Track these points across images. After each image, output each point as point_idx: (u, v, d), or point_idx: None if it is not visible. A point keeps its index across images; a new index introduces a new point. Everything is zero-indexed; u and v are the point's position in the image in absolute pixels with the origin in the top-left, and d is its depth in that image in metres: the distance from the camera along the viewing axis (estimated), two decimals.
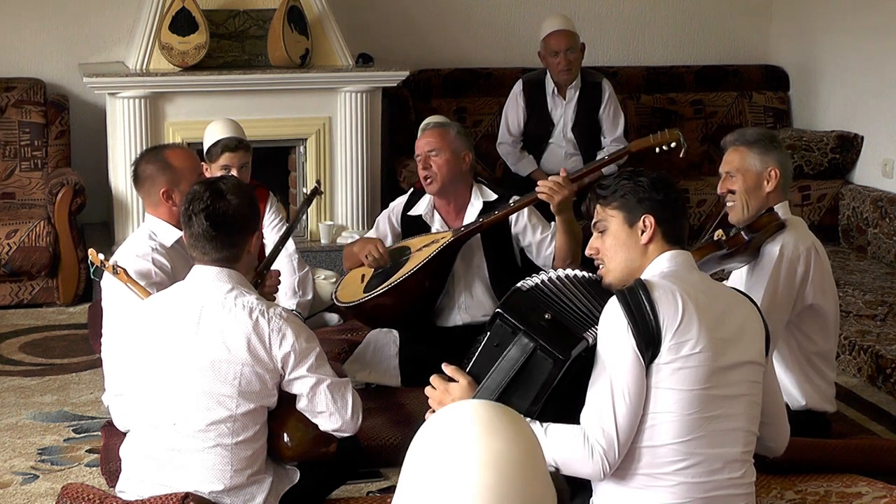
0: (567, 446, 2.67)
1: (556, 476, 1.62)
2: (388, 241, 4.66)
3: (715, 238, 3.64)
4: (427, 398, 2.84)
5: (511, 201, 4.48)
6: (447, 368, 2.82)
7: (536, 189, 4.28)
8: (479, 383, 2.76)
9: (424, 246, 4.45)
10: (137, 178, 3.86)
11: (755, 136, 3.79)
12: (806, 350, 3.72)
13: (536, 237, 4.49)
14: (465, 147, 4.52)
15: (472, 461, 1.51)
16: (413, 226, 4.62)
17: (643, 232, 2.82)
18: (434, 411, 2.79)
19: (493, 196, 4.55)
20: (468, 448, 1.52)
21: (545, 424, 2.71)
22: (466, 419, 1.55)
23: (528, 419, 2.72)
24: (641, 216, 2.82)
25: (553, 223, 4.51)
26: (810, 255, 3.65)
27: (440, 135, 4.51)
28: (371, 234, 4.75)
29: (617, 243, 2.86)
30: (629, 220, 2.84)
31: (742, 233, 3.63)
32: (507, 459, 1.51)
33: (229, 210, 3.12)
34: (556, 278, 2.92)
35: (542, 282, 2.90)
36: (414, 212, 4.64)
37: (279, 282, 4.14)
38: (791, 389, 3.73)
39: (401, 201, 4.76)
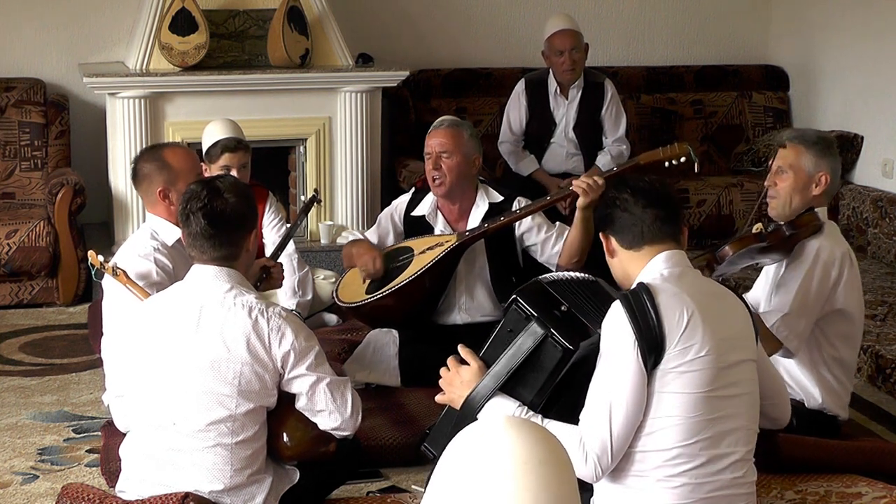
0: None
1: None
2: (390, 239, 4.66)
3: (754, 231, 3.65)
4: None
5: (515, 203, 4.47)
6: (462, 350, 2.88)
7: (574, 183, 4.25)
8: (489, 368, 2.81)
9: (428, 248, 4.44)
10: (136, 177, 3.87)
11: (814, 137, 3.78)
12: (826, 354, 3.71)
13: (541, 236, 4.48)
14: (475, 150, 4.50)
15: (507, 466, 1.54)
16: (416, 226, 4.61)
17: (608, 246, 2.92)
18: (444, 393, 2.91)
19: (499, 198, 4.53)
20: (502, 454, 1.55)
21: (545, 420, 2.73)
22: (498, 428, 1.58)
23: (529, 411, 2.75)
24: (601, 235, 2.93)
25: (557, 223, 4.52)
26: (845, 261, 3.66)
27: (453, 136, 4.46)
28: (373, 230, 4.73)
29: (608, 260, 2.95)
30: (602, 239, 2.94)
31: (784, 227, 3.65)
32: (540, 463, 1.54)
33: (227, 208, 3.11)
34: (581, 278, 2.99)
35: (566, 279, 2.96)
36: (417, 212, 4.62)
37: (283, 274, 4.19)
38: (808, 387, 3.72)
39: (404, 200, 4.73)
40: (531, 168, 6.21)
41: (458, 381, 2.85)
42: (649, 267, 2.81)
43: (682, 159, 4.33)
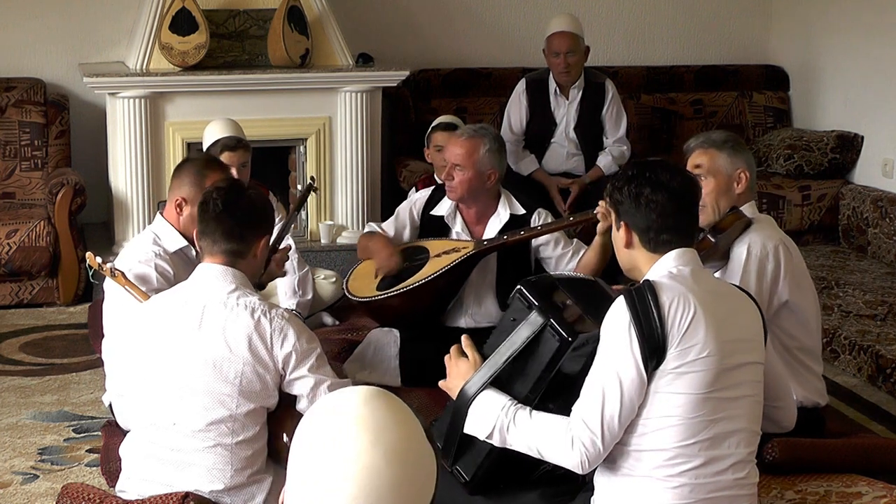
0: (549, 433, 2.69)
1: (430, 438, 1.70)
2: (407, 233, 4.62)
3: None
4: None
5: (535, 216, 4.44)
6: (465, 341, 2.91)
7: (597, 209, 4.08)
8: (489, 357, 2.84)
9: (444, 252, 4.41)
10: (175, 171, 3.91)
11: (722, 137, 3.73)
12: (789, 347, 3.68)
13: (557, 251, 4.43)
14: (492, 166, 4.38)
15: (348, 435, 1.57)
16: (434, 225, 4.57)
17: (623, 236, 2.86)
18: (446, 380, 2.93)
19: (521, 210, 4.46)
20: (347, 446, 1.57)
21: (534, 412, 2.74)
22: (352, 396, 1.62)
23: (516, 405, 2.75)
24: (620, 221, 2.85)
25: (574, 240, 4.50)
26: (779, 252, 3.59)
27: (470, 150, 4.36)
28: (390, 223, 4.69)
29: (615, 245, 2.91)
30: (616, 224, 2.87)
31: (709, 236, 3.57)
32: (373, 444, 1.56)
33: (246, 202, 3.19)
34: (583, 278, 2.99)
35: (571, 277, 2.99)
36: (436, 211, 4.58)
37: (287, 256, 4.23)
38: None
39: (423, 195, 4.69)
40: (531, 168, 6.21)
41: (455, 371, 2.88)
42: (659, 264, 2.79)
43: None
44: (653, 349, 2.64)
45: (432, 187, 4.73)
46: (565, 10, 6.70)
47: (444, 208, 4.56)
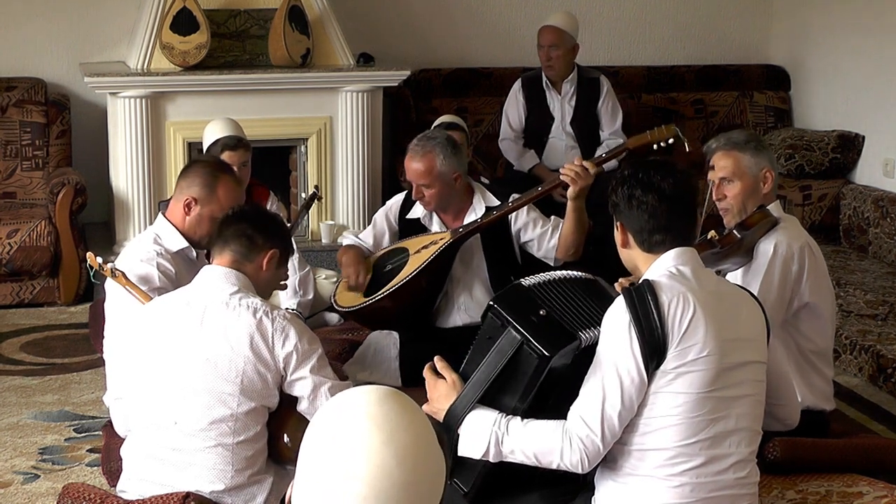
0: (546, 436, 2.67)
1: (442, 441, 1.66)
2: (386, 239, 4.65)
3: (708, 237, 3.60)
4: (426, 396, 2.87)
5: (510, 200, 4.47)
6: (438, 363, 2.85)
7: (561, 171, 4.22)
8: (469, 377, 2.78)
9: (423, 248, 4.44)
10: (183, 171, 3.89)
11: (744, 138, 3.72)
12: (803, 349, 3.69)
13: (537, 231, 4.47)
14: (453, 168, 4.41)
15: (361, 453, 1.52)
16: (411, 228, 4.60)
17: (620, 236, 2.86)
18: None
19: (495, 202, 4.49)
20: (359, 442, 1.53)
21: (526, 421, 2.71)
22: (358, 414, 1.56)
23: (509, 416, 2.73)
24: (617, 222, 2.86)
25: (552, 217, 4.51)
26: (804, 254, 3.59)
27: (428, 167, 4.38)
28: (368, 231, 4.72)
29: (619, 248, 2.89)
30: (615, 225, 2.87)
31: (734, 231, 3.57)
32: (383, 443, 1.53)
33: (265, 212, 3.37)
34: (575, 277, 2.93)
35: (551, 280, 2.90)
36: (412, 215, 4.61)
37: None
38: None
39: (398, 200, 4.72)
40: (532, 164, 6.24)
41: (435, 394, 2.82)
42: (657, 264, 2.78)
43: (671, 140, 4.28)
44: (653, 349, 2.63)
45: (405, 192, 4.74)
46: (566, 9, 6.70)
47: (419, 211, 4.58)
